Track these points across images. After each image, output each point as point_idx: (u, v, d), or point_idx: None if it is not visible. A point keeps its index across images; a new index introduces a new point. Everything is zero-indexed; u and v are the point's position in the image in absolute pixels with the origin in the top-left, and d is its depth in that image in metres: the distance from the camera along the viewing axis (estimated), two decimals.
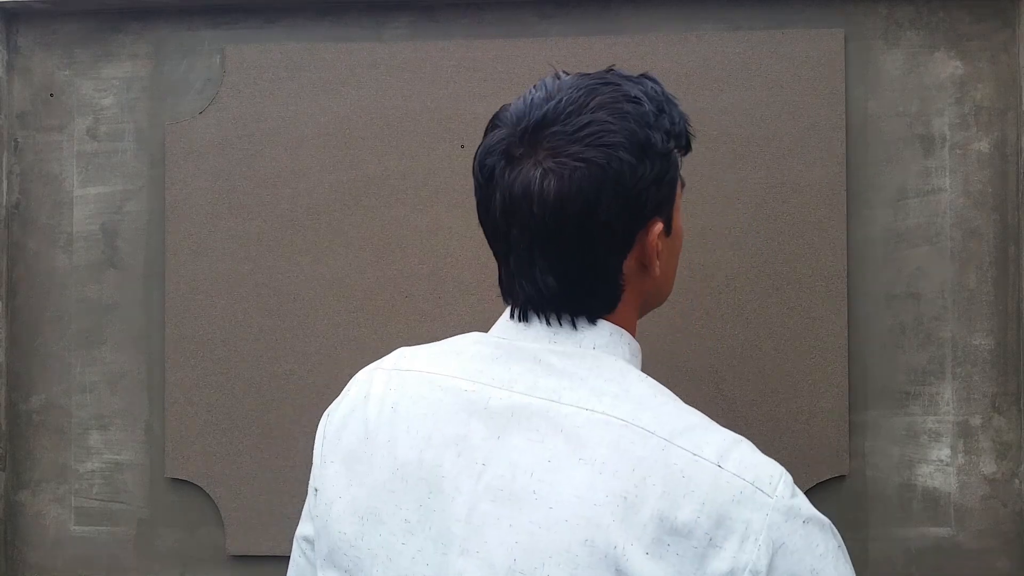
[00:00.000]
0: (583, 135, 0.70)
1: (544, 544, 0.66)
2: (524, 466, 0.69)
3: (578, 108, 0.71)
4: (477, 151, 0.75)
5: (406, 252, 1.21)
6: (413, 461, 0.72)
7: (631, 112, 0.72)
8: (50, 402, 1.26)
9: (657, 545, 0.64)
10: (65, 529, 1.25)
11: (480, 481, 0.69)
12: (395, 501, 0.72)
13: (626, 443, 0.67)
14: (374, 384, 0.79)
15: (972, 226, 1.18)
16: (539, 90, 0.74)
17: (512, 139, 0.72)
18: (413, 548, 0.71)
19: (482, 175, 0.74)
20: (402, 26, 1.23)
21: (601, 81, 0.73)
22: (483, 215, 0.76)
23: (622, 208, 0.71)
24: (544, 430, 0.69)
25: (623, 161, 0.70)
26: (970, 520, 1.17)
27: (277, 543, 1.21)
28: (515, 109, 0.74)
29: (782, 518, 0.65)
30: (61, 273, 1.26)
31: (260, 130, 1.22)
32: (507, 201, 0.71)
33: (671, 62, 1.19)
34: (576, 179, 0.69)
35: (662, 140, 0.73)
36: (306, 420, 1.21)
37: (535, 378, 0.72)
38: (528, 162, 0.71)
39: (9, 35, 1.27)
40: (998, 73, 1.18)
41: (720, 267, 1.18)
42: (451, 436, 0.72)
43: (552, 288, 0.73)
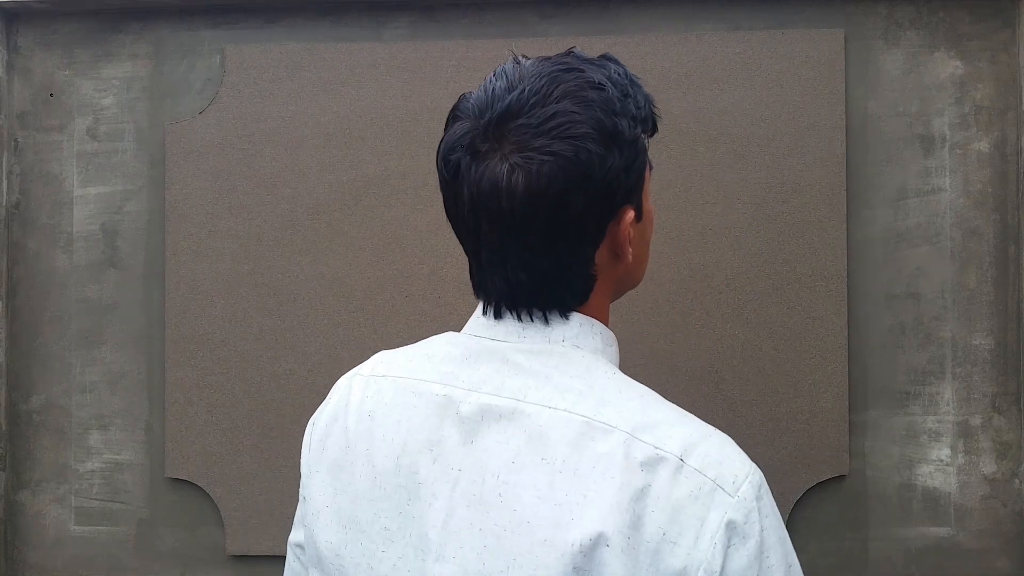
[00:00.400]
0: (549, 127, 0.68)
1: (508, 546, 0.66)
2: (492, 469, 0.68)
3: (542, 98, 0.69)
4: (440, 145, 0.73)
5: (406, 252, 1.21)
6: (390, 469, 0.72)
7: (596, 100, 0.70)
8: (50, 402, 1.26)
9: (617, 538, 0.64)
10: (65, 529, 1.25)
11: (456, 487, 0.69)
12: (375, 509, 0.72)
13: (586, 440, 0.67)
14: (353, 391, 0.78)
15: (972, 226, 1.18)
16: (499, 79, 0.72)
17: (476, 132, 0.70)
18: (394, 555, 0.71)
19: (447, 171, 0.72)
20: (402, 26, 1.23)
21: (563, 67, 0.71)
22: (451, 210, 0.74)
23: (592, 200, 0.70)
24: (510, 431, 0.69)
25: (591, 152, 0.69)
26: (970, 520, 1.18)
27: (277, 543, 1.21)
28: (476, 100, 0.72)
29: (742, 518, 0.65)
30: (61, 273, 1.26)
31: (260, 130, 1.22)
32: (475, 197, 0.70)
33: (671, 62, 1.19)
34: (544, 173, 0.68)
35: (629, 127, 0.72)
36: (306, 420, 1.21)
37: (502, 378, 0.72)
38: (494, 157, 0.69)
39: (9, 35, 1.27)
40: (998, 73, 1.18)
41: (720, 267, 1.18)
42: (425, 442, 0.71)
43: (524, 283, 0.72)
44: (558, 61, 0.72)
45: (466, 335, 0.76)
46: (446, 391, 0.72)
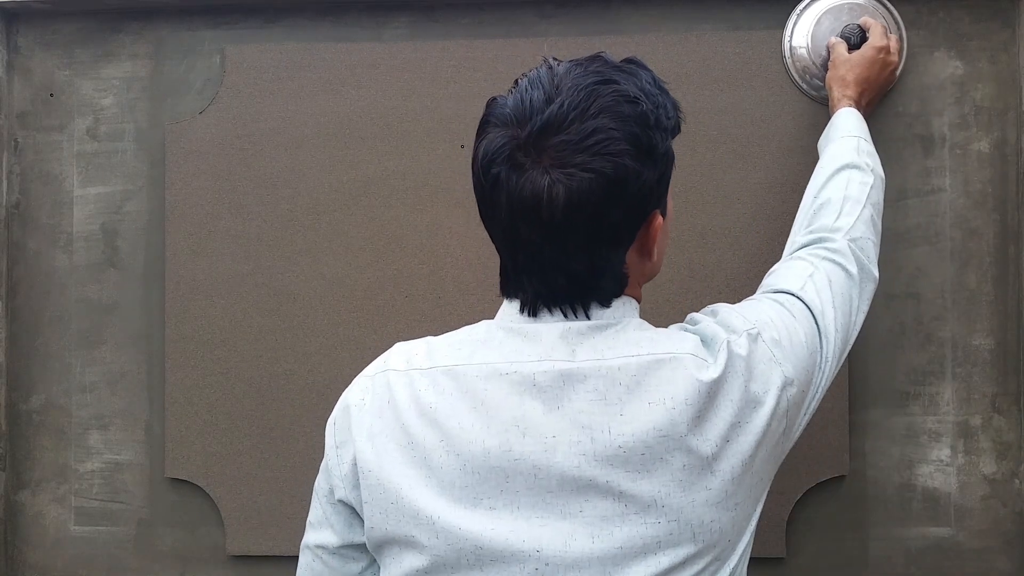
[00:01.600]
0: (589, 144, 0.71)
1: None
2: (598, 426, 0.72)
3: (580, 113, 0.72)
4: (477, 152, 0.75)
5: (406, 252, 1.21)
6: (478, 454, 0.73)
7: (631, 115, 0.73)
8: (50, 402, 1.26)
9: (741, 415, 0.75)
10: (65, 529, 1.25)
11: (556, 453, 0.72)
12: (474, 494, 0.73)
13: (683, 370, 0.73)
14: (395, 388, 0.78)
15: (972, 226, 1.18)
16: (535, 88, 0.74)
17: (516, 144, 0.72)
18: (505, 529, 0.72)
19: (486, 180, 0.74)
20: (402, 26, 1.23)
21: (599, 79, 0.73)
22: (488, 214, 0.77)
23: (627, 210, 0.74)
24: (602, 388, 0.72)
25: (628, 168, 0.72)
26: (970, 520, 1.17)
27: (277, 543, 1.21)
28: (514, 109, 0.74)
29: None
30: (61, 273, 1.26)
31: (260, 130, 1.22)
32: (514, 205, 0.73)
33: (671, 62, 1.19)
34: (584, 188, 0.71)
35: (662, 139, 0.75)
36: (306, 420, 1.21)
37: (571, 347, 0.74)
38: (535, 169, 0.72)
39: (9, 35, 1.27)
40: (998, 73, 1.18)
41: (720, 267, 1.18)
42: (509, 420, 0.73)
43: (562, 285, 0.75)
44: (592, 70, 0.74)
45: (508, 324, 0.78)
46: (514, 368, 0.74)
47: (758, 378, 0.76)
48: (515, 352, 0.75)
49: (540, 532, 0.72)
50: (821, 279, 0.88)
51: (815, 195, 1.00)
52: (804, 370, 0.80)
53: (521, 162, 0.72)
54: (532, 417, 0.73)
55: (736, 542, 0.76)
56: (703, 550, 0.73)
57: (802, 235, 0.97)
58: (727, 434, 0.73)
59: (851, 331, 0.89)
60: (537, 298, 0.77)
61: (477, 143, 0.76)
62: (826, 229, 0.95)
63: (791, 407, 0.78)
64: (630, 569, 0.71)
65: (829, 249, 0.92)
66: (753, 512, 0.78)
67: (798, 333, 0.81)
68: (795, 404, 0.79)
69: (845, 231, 0.94)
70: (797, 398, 0.79)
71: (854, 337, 0.90)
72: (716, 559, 0.75)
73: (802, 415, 0.82)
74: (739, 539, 0.77)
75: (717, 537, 0.74)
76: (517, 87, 0.76)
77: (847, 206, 0.97)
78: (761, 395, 0.75)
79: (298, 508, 1.20)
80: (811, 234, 0.96)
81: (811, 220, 0.98)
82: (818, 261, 0.91)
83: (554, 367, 0.73)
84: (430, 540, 0.73)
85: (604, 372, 0.73)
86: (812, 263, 0.90)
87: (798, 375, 0.79)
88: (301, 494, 1.21)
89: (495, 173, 0.73)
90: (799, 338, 0.81)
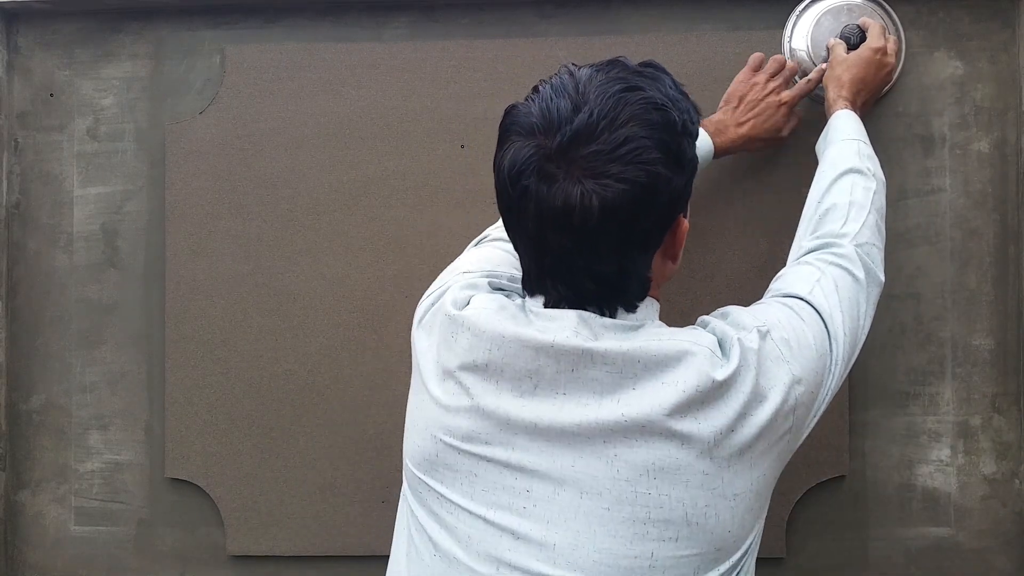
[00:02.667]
0: (622, 153, 0.71)
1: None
2: (609, 393, 0.73)
3: (610, 122, 0.72)
4: (503, 163, 0.75)
5: (406, 252, 1.21)
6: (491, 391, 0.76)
7: (660, 122, 0.73)
8: (50, 402, 1.26)
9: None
10: (65, 529, 1.25)
11: (563, 409, 0.74)
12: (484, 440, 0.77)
13: (699, 363, 0.74)
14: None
15: (972, 226, 1.18)
16: (560, 96, 0.73)
17: (545, 155, 0.72)
18: (511, 480, 0.76)
19: (514, 191, 0.74)
20: (402, 26, 1.23)
21: (624, 86, 0.74)
22: (513, 223, 0.77)
23: (658, 217, 0.75)
24: (621, 363, 0.74)
25: (660, 176, 0.72)
26: (970, 520, 1.17)
27: (277, 543, 1.21)
28: (539, 118, 0.73)
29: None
30: (61, 273, 1.26)
31: (260, 130, 1.22)
32: (544, 214, 0.73)
33: (671, 62, 1.17)
34: (619, 197, 0.71)
35: (689, 145, 0.76)
36: (306, 420, 1.21)
37: (593, 331, 0.75)
38: (568, 181, 0.72)
39: (9, 35, 1.27)
40: (998, 73, 1.18)
41: (720, 267, 1.18)
42: (523, 370, 0.75)
43: (589, 288, 0.76)
44: (615, 76, 0.75)
45: (533, 308, 0.80)
46: (536, 334, 0.75)
47: (766, 373, 0.76)
48: (539, 326, 0.76)
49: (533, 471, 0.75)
50: (828, 284, 0.88)
51: (819, 200, 1.00)
52: (813, 371, 0.80)
53: (552, 173, 0.72)
54: (545, 373, 0.74)
55: (738, 540, 0.76)
56: (694, 535, 0.73)
57: (808, 240, 0.97)
58: (732, 424, 0.74)
59: (859, 335, 0.90)
60: (562, 300, 0.77)
61: (500, 153, 0.75)
62: (832, 235, 0.95)
63: (799, 406, 0.79)
64: (618, 537, 0.73)
65: (836, 254, 0.92)
66: (756, 511, 0.78)
67: (807, 335, 0.82)
68: (803, 404, 0.79)
69: (851, 236, 0.94)
70: (805, 398, 0.79)
71: (862, 341, 0.90)
72: (714, 550, 0.74)
73: (811, 416, 0.83)
74: (741, 538, 0.77)
75: (713, 524, 0.74)
76: (539, 95, 0.75)
77: (853, 211, 0.97)
78: (767, 390, 0.76)
79: (298, 508, 1.21)
80: (817, 239, 0.96)
81: (816, 225, 0.98)
82: (825, 266, 0.91)
83: (574, 341, 0.74)
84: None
85: (624, 351, 0.74)
86: (819, 268, 0.90)
87: (806, 375, 0.79)
88: (301, 494, 1.21)
89: (524, 185, 0.73)
90: (807, 340, 0.82)
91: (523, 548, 0.74)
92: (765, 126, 1.11)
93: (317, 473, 1.21)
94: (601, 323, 0.76)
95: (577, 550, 0.73)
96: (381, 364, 1.20)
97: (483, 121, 1.19)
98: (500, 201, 0.77)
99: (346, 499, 1.20)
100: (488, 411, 0.76)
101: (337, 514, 1.20)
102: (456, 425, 0.77)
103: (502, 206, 0.77)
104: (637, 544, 0.72)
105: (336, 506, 1.20)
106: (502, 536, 0.75)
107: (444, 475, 0.78)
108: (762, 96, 1.11)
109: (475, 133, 1.20)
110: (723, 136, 1.10)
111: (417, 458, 0.81)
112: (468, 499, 0.76)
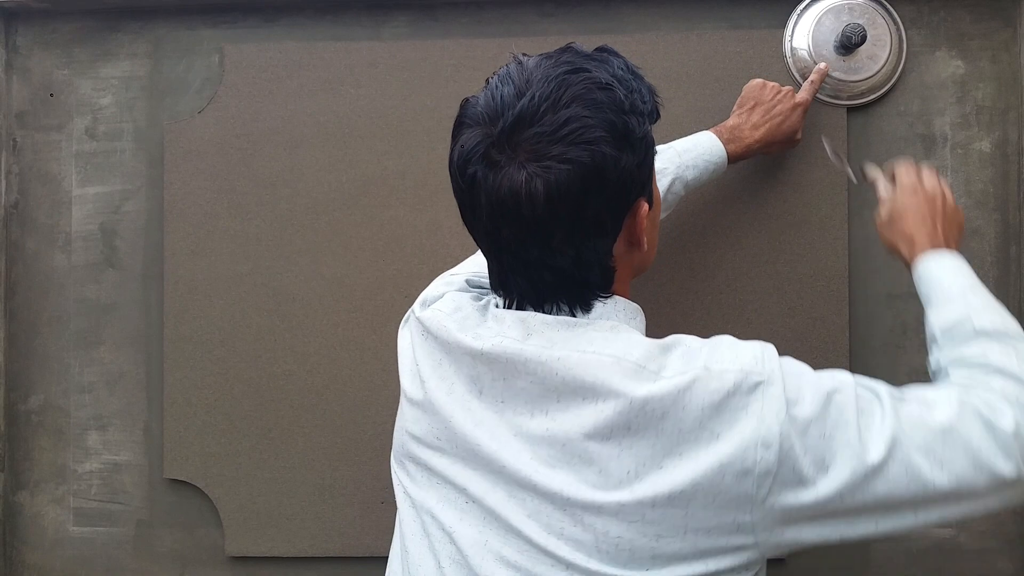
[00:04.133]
0: (564, 133, 0.69)
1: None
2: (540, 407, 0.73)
3: (552, 104, 0.70)
4: (452, 154, 0.74)
5: (405, 252, 1.21)
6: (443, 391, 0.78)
7: (605, 101, 0.71)
8: (49, 402, 1.26)
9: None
10: (64, 530, 1.25)
11: (503, 416, 0.74)
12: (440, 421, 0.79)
13: (618, 379, 0.70)
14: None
15: (973, 226, 1.18)
16: (505, 83, 0.72)
17: (489, 142, 0.71)
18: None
19: (463, 181, 0.73)
20: (402, 25, 1.23)
21: (569, 68, 0.72)
22: (468, 216, 0.76)
23: (609, 199, 0.71)
24: (541, 374, 0.72)
25: (606, 156, 0.70)
26: (971, 521, 1.17)
27: (276, 544, 1.20)
28: (485, 106, 0.72)
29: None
30: (60, 273, 1.26)
31: (259, 129, 1.22)
32: (494, 204, 0.71)
33: (671, 62, 1.18)
34: (563, 180, 0.69)
35: (639, 124, 0.73)
36: (305, 420, 1.21)
37: (525, 332, 0.75)
38: (512, 166, 0.70)
39: (8, 35, 1.26)
40: (999, 72, 1.18)
41: (720, 267, 1.18)
42: (468, 376, 0.76)
43: (548, 282, 0.74)
44: (561, 60, 0.72)
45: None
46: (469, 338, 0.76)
47: (724, 420, 0.68)
48: (478, 331, 0.77)
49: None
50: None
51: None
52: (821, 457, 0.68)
53: (496, 159, 0.70)
54: (484, 380, 0.75)
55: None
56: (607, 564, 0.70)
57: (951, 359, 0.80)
58: (659, 458, 0.69)
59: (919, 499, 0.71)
60: (523, 299, 0.76)
61: (452, 145, 0.74)
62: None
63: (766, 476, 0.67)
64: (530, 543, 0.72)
65: (987, 403, 0.73)
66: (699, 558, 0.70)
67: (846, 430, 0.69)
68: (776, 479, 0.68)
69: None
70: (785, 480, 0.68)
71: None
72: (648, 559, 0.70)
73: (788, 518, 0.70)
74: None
75: (627, 558, 0.69)
76: (488, 85, 0.74)
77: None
78: (720, 434, 0.68)
79: (297, 508, 1.20)
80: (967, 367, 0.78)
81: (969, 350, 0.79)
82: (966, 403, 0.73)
83: (500, 347, 0.74)
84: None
85: (543, 362, 0.72)
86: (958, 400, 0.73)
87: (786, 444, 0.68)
88: (300, 494, 1.20)
89: (471, 173, 0.72)
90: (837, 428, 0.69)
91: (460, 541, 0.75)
92: (782, 128, 1.10)
93: (316, 474, 1.20)
94: (541, 320, 0.75)
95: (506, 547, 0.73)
96: (380, 364, 1.20)
97: None
98: (456, 196, 0.76)
99: (345, 500, 1.20)
100: (437, 409, 0.77)
101: (336, 515, 1.20)
102: (414, 419, 0.80)
103: (457, 200, 0.76)
104: (551, 559, 0.71)
105: (335, 507, 1.20)
106: (444, 531, 0.76)
107: (408, 467, 0.81)
108: (777, 99, 1.09)
109: None
110: (738, 143, 1.08)
111: (396, 454, 0.85)
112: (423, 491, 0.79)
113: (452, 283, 0.87)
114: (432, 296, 0.85)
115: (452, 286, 0.86)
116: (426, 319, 0.81)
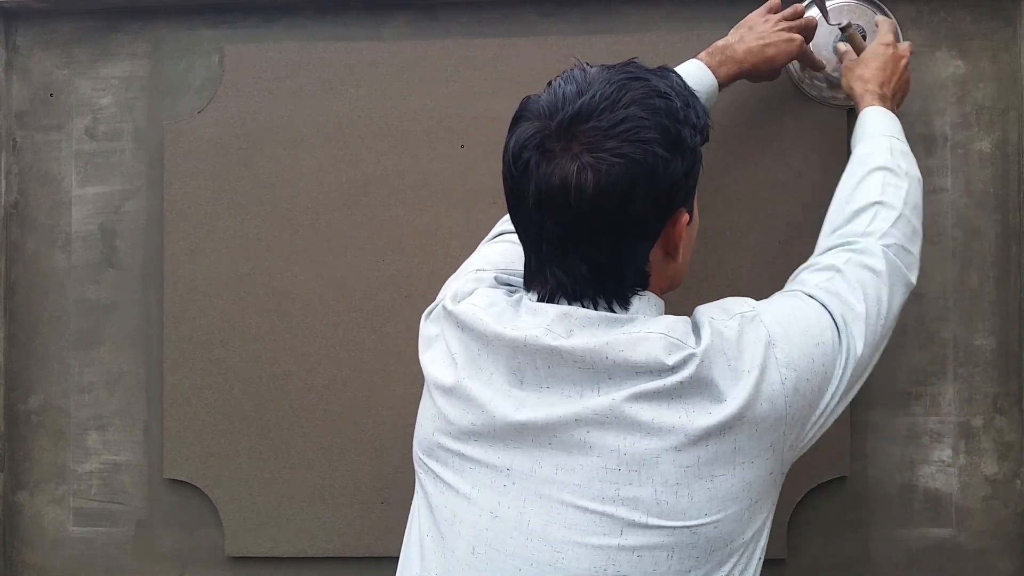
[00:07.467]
0: (619, 131, 0.73)
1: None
2: (590, 387, 0.75)
3: (611, 103, 0.73)
4: (507, 142, 0.77)
5: (405, 252, 1.21)
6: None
7: (662, 107, 0.74)
8: (48, 402, 1.26)
9: None
10: (63, 530, 1.25)
11: (547, 398, 0.76)
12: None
13: (651, 349, 0.74)
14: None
15: (974, 226, 1.18)
16: (568, 83, 0.76)
17: (547, 133, 0.74)
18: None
19: (516, 168, 0.76)
20: (402, 25, 1.23)
21: (629, 76, 0.76)
22: (515, 205, 0.78)
23: (654, 200, 0.75)
24: (590, 359, 0.75)
25: (657, 156, 0.73)
26: (971, 521, 1.17)
27: (276, 544, 1.20)
28: (546, 102, 0.76)
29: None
30: (59, 273, 1.26)
31: (259, 129, 1.22)
32: (543, 193, 0.74)
33: (671, 61, 1.17)
34: (614, 173, 0.72)
35: (691, 134, 0.76)
36: (305, 420, 1.21)
37: (568, 327, 0.76)
38: (565, 156, 0.73)
39: (8, 35, 1.26)
40: (999, 72, 1.18)
41: (720, 267, 1.18)
42: (508, 367, 0.77)
43: (584, 275, 0.76)
44: (623, 69, 0.77)
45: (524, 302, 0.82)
46: (510, 330, 0.77)
47: (744, 355, 0.76)
48: (517, 323, 0.78)
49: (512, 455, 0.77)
50: (843, 279, 0.86)
51: (846, 199, 0.96)
52: (808, 359, 0.79)
53: (551, 149, 0.74)
54: (526, 369, 0.76)
55: (726, 535, 0.75)
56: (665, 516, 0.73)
57: (829, 238, 0.95)
58: (702, 409, 0.74)
59: (881, 331, 0.87)
60: (558, 289, 0.78)
61: (508, 136, 0.77)
62: (856, 234, 0.92)
63: (790, 393, 0.77)
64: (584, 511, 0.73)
65: (855, 250, 0.90)
66: (747, 506, 0.76)
67: (803, 322, 0.80)
68: (799, 393, 0.77)
69: (877, 236, 0.91)
70: (801, 386, 0.78)
71: (886, 339, 0.88)
72: (689, 540, 0.74)
73: (815, 411, 0.81)
74: (735, 533, 0.75)
75: (686, 505, 0.73)
76: (550, 86, 0.78)
77: (881, 212, 0.93)
78: (743, 372, 0.75)
79: (297, 509, 1.20)
80: (839, 238, 0.93)
81: (841, 225, 0.95)
82: (843, 263, 0.88)
83: (543, 340, 0.75)
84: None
85: (592, 348, 0.75)
86: (835, 264, 0.88)
87: (798, 361, 0.78)
88: (300, 494, 1.20)
89: (525, 159, 0.75)
90: (802, 326, 0.80)
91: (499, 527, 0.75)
92: (772, 50, 1.06)
93: (316, 474, 1.20)
94: (584, 316, 0.76)
95: (549, 526, 0.74)
96: (380, 365, 1.20)
97: (483, 120, 1.19)
98: (505, 185, 0.79)
99: (345, 500, 1.20)
100: (473, 395, 0.78)
101: (336, 515, 1.20)
102: (446, 407, 0.80)
103: (506, 190, 0.79)
104: (606, 523, 0.73)
105: (335, 507, 1.20)
106: (481, 515, 0.77)
107: (439, 455, 0.82)
108: (774, 28, 1.07)
109: (475, 132, 1.20)
110: (730, 64, 1.05)
111: (422, 444, 0.85)
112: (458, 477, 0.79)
113: (482, 279, 0.88)
114: (463, 292, 0.86)
115: (482, 283, 0.87)
116: (460, 312, 0.82)
